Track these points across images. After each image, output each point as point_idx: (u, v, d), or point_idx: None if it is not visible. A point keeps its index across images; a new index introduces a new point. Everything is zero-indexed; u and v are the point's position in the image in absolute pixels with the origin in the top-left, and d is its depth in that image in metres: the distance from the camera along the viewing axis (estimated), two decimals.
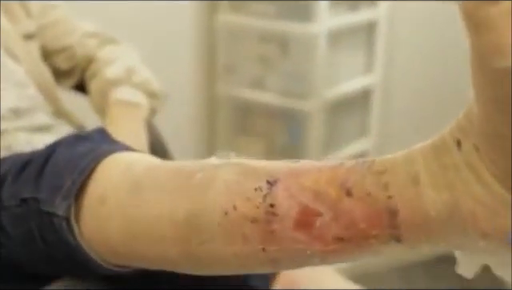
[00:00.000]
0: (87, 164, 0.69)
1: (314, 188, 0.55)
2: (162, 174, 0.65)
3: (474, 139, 0.49)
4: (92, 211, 0.68)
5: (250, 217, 0.58)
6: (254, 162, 0.60)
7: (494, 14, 0.42)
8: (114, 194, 0.66)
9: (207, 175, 0.61)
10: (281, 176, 0.57)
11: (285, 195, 0.56)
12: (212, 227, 0.60)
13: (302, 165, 0.58)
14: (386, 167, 0.53)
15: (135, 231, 0.65)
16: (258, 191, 0.57)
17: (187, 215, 0.61)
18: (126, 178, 0.66)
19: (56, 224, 0.68)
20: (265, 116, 2.45)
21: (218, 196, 0.59)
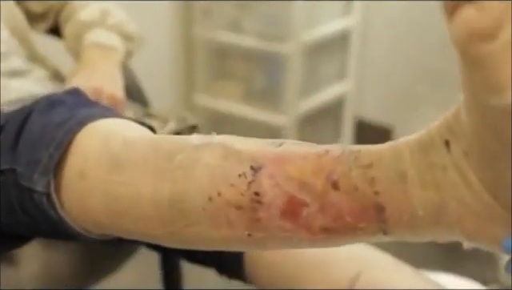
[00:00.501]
0: (63, 137, 0.68)
1: (300, 178, 0.55)
2: (140, 151, 0.64)
3: (464, 146, 0.48)
4: (72, 185, 0.67)
5: (235, 204, 0.57)
6: (236, 144, 0.59)
7: (492, 51, 0.40)
8: (93, 169, 0.66)
9: (188, 157, 0.60)
10: (265, 162, 0.57)
11: (270, 184, 0.56)
12: (197, 212, 0.59)
13: (286, 150, 0.57)
14: (372, 160, 0.53)
15: (118, 208, 0.64)
16: (242, 178, 0.57)
17: (170, 199, 0.60)
18: (104, 153, 0.66)
19: (36, 199, 0.68)
20: (243, 59, 2.43)
21: (200, 181, 0.59)
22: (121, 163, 0.64)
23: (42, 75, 1.11)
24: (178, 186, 0.60)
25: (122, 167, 0.64)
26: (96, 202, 0.65)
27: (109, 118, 0.70)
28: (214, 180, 0.58)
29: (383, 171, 0.52)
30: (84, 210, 0.67)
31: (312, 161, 0.55)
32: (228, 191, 0.58)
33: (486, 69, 0.41)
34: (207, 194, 0.58)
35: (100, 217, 0.66)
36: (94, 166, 0.66)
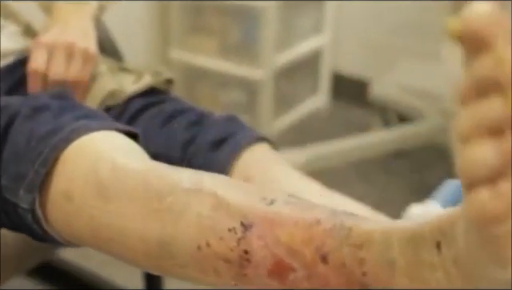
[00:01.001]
0: (49, 153, 0.68)
1: (290, 245, 0.56)
2: (129, 184, 0.64)
3: (455, 254, 0.49)
4: (58, 205, 0.67)
5: (224, 257, 0.59)
6: (227, 194, 0.60)
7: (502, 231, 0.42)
8: (80, 193, 0.66)
9: (178, 201, 0.61)
10: (256, 221, 0.58)
11: (259, 244, 0.57)
12: (185, 256, 0.61)
13: (277, 212, 0.58)
14: (362, 241, 0.53)
15: (105, 235, 0.65)
16: (231, 233, 0.58)
17: (159, 239, 0.62)
18: (92, 179, 0.66)
19: (21, 213, 0.68)
20: (218, 13, 2.40)
21: (189, 229, 0.60)
22: (109, 193, 0.64)
23: (14, 31, 1.08)
24: (167, 229, 0.61)
25: (111, 196, 0.64)
26: (82, 225, 0.66)
27: (95, 132, 0.70)
28: (203, 230, 0.59)
29: (373, 254, 0.53)
30: (69, 230, 0.68)
31: (303, 229, 0.56)
32: (217, 244, 0.59)
33: (495, 245, 0.43)
34: (196, 242, 0.60)
35: (85, 238, 0.67)
36: (81, 190, 0.66)
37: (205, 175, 0.63)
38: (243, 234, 0.58)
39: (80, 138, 0.69)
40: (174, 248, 0.61)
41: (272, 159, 0.88)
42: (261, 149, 0.89)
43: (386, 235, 0.53)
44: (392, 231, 0.53)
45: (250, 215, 0.58)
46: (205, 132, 0.89)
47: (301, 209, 0.58)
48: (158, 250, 0.62)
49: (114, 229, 0.64)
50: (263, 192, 0.60)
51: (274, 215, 0.57)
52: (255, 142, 0.88)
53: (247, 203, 0.59)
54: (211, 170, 0.86)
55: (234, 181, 0.64)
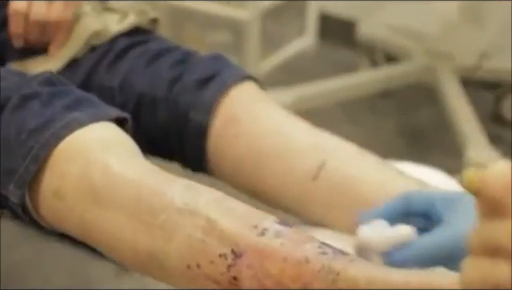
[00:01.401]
0: (40, 150, 0.67)
1: (278, 279, 0.58)
2: (122, 192, 0.65)
3: None
4: (49, 202, 0.68)
5: (213, 279, 0.61)
6: (220, 219, 0.61)
7: None
8: (72, 195, 0.66)
9: (171, 219, 0.62)
10: (247, 250, 0.59)
11: (249, 274, 0.59)
12: (174, 271, 0.63)
13: (268, 245, 0.59)
14: (348, 286, 0.56)
15: (95, 237, 0.67)
16: (222, 258, 0.60)
17: (150, 253, 0.63)
18: (84, 181, 0.66)
19: (12, 206, 0.69)
20: None
21: (180, 248, 0.61)
22: (101, 199, 0.65)
23: None
24: (158, 245, 0.62)
25: (103, 203, 0.65)
26: (73, 224, 0.67)
27: (85, 127, 0.70)
28: (194, 252, 0.61)
29: None
30: (60, 225, 0.69)
31: (292, 266, 0.58)
32: (207, 267, 0.61)
33: None
34: (186, 262, 0.61)
35: (76, 234, 0.69)
36: (73, 191, 0.66)
37: (198, 193, 0.64)
38: (233, 261, 0.60)
39: (71, 135, 0.69)
40: (165, 263, 0.63)
41: (259, 98, 0.88)
42: (247, 88, 0.88)
43: (369, 283, 0.56)
44: (377, 280, 0.56)
45: (242, 243, 0.60)
46: (191, 71, 0.89)
47: (291, 243, 0.59)
48: (148, 260, 0.64)
49: (105, 234, 0.66)
50: (255, 218, 0.62)
51: (265, 248, 0.59)
52: (242, 81, 0.88)
53: (239, 231, 0.60)
54: (197, 108, 0.86)
55: (226, 201, 0.64)
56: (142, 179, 0.65)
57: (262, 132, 0.84)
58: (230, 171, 0.86)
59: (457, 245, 0.59)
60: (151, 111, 0.89)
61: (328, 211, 0.81)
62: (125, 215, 0.64)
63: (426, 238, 0.63)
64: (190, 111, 0.87)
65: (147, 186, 0.65)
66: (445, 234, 0.62)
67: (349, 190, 0.79)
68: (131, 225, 0.64)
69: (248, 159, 0.83)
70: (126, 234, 0.64)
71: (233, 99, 0.86)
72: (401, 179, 0.78)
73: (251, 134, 0.84)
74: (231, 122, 0.85)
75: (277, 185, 0.82)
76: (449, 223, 0.62)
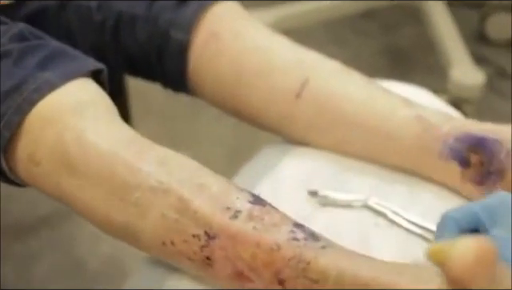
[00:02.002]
0: (13, 116, 0.66)
1: (250, 263, 0.59)
2: (95, 164, 0.64)
3: None
4: (24, 166, 0.68)
5: (187, 256, 0.62)
6: (194, 200, 0.61)
7: None
8: (47, 162, 0.66)
9: (144, 197, 0.62)
10: (219, 234, 0.60)
11: (221, 255, 0.60)
12: (150, 245, 0.63)
13: (241, 230, 0.59)
14: (318, 278, 0.57)
15: (71, 203, 0.66)
16: (195, 239, 0.60)
17: (125, 226, 0.63)
18: (58, 151, 0.65)
19: None
20: None
21: (154, 226, 0.62)
22: (76, 168, 0.64)
23: None
24: (132, 220, 0.63)
25: (77, 172, 0.64)
26: (49, 188, 0.67)
27: (59, 89, 0.68)
28: (168, 231, 0.61)
29: None
30: (36, 186, 0.69)
31: (264, 252, 0.59)
32: (181, 245, 0.61)
33: None
34: (161, 239, 0.62)
35: (52, 197, 0.68)
36: (48, 158, 0.66)
37: (172, 169, 0.63)
38: (206, 242, 0.60)
39: (43, 100, 0.67)
40: (140, 237, 0.63)
41: (241, 16, 0.86)
42: (229, 5, 0.86)
43: (339, 276, 0.56)
44: (346, 273, 0.56)
45: (215, 226, 0.60)
46: None
47: (263, 227, 0.60)
48: (123, 232, 0.64)
49: (79, 203, 0.65)
50: (229, 197, 0.62)
51: (238, 232, 0.60)
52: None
53: (212, 214, 0.60)
54: (177, 26, 0.84)
55: (201, 178, 0.63)
56: (116, 153, 0.64)
57: (243, 49, 0.82)
58: (211, 90, 0.84)
59: None
60: (130, 30, 0.87)
61: (311, 129, 0.80)
62: (99, 188, 0.64)
63: None
64: (170, 29, 0.85)
65: (122, 160, 0.64)
66: None
67: (332, 107, 0.77)
68: (105, 198, 0.64)
69: (229, 76, 0.82)
70: (100, 206, 0.64)
71: (214, 16, 0.84)
72: (386, 97, 0.77)
73: (233, 52, 0.82)
74: (212, 39, 0.83)
75: (259, 103, 0.81)
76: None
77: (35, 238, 1.56)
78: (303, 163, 0.80)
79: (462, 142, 0.72)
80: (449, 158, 0.73)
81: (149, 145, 0.66)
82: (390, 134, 0.76)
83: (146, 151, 0.65)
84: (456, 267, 0.43)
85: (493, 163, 0.71)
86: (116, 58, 0.89)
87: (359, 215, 0.74)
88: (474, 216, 0.59)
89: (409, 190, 0.77)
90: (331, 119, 0.78)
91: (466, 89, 1.76)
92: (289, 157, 0.81)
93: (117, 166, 0.63)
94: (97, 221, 0.66)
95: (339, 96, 0.78)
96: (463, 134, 0.72)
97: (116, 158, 0.64)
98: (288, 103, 0.79)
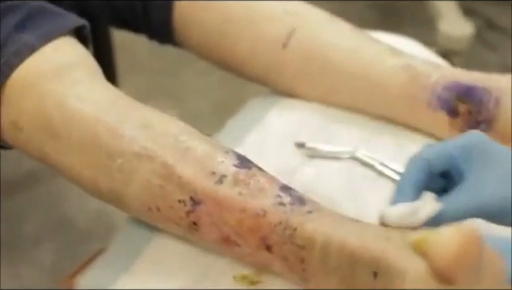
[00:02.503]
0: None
1: (237, 229, 0.59)
2: (77, 131, 0.63)
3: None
4: (7, 132, 0.67)
5: (174, 221, 0.61)
6: (178, 165, 0.60)
7: None
8: (29, 128, 0.65)
9: (128, 163, 0.61)
10: (205, 199, 0.59)
11: (207, 221, 0.60)
12: (136, 210, 0.63)
13: (226, 195, 0.59)
14: (305, 243, 0.56)
15: (55, 167, 0.66)
16: (181, 204, 0.60)
17: (109, 190, 0.63)
18: (40, 118, 0.64)
19: None
20: None
21: (139, 192, 0.61)
22: (58, 134, 0.64)
23: None
24: (117, 186, 0.62)
25: (60, 138, 0.64)
26: (33, 152, 0.67)
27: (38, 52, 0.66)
28: (153, 197, 0.61)
29: (312, 257, 0.57)
30: (21, 149, 0.68)
31: (250, 218, 0.58)
32: (167, 210, 0.61)
33: None
34: (147, 205, 0.62)
35: (37, 160, 0.68)
36: (30, 124, 0.65)
37: (155, 133, 0.62)
38: (192, 208, 0.60)
39: (22, 64, 0.66)
40: (125, 202, 0.63)
41: None
42: None
43: (326, 242, 0.56)
44: (333, 240, 0.55)
45: (200, 192, 0.59)
46: None
47: (249, 192, 0.59)
48: (109, 196, 0.63)
49: (64, 167, 0.65)
50: (214, 162, 0.61)
51: (223, 198, 0.59)
52: None
53: (197, 179, 0.60)
54: None
55: (184, 142, 0.62)
56: (98, 117, 0.63)
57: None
58: (197, 41, 0.83)
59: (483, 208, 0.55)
60: None
61: (298, 79, 0.79)
62: (83, 154, 0.63)
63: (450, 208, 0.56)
64: (148, 11, 0.84)
65: (104, 126, 0.63)
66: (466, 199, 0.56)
67: (319, 57, 0.76)
68: (89, 164, 0.63)
69: (216, 27, 0.80)
70: (85, 171, 0.63)
71: None
72: (373, 46, 0.76)
73: (219, 1, 0.80)
74: None
75: (246, 53, 0.80)
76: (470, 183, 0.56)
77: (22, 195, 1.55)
78: (290, 114, 0.80)
79: (450, 91, 0.72)
80: (437, 107, 0.72)
81: (133, 106, 0.65)
82: (378, 82, 0.75)
83: (130, 113, 0.64)
84: (439, 258, 0.42)
85: (481, 112, 0.70)
86: (101, 9, 0.88)
87: (347, 166, 0.74)
88: (447, 156, 0.57)
89: (396, 141, 0.76)
90: (318, 68, 0.77)
91: (454, 40, 1.74)
92: (276, 109, 0.81)
93: (99, 132, 0.62)
94: (82, 186, 0.65)
95: (326, 45, 0.76)
96: (451, 83, 0.72)
97: (98, 123, 0.63)
98: (275, 53, 0.78)
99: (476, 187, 0.55)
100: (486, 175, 0.56)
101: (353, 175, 0.73)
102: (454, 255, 0.42)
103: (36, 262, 1.43)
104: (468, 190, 0.56)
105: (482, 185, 0.55)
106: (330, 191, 0.69)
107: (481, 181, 0.56)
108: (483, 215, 0.56)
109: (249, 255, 0.60)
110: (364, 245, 0.54)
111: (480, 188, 0.55)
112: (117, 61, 1.42)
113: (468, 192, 0.55)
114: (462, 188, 0.56)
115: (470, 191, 0.55)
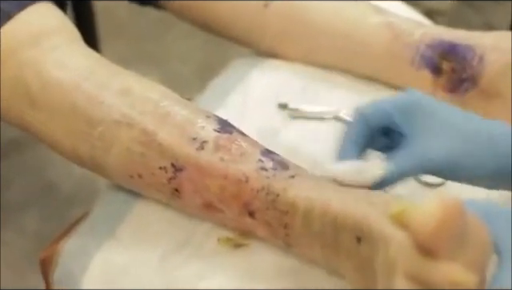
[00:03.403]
0: None
1: (219, 195, 0.59)
2: (58, 100, 0.62)
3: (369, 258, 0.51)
4: None
5: (156, 188, 0.61)
6: (158, 132, 0.60)
7: None
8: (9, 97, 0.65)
9: (108, 131, 0.61)
10: (186, 166, 0.59)
11: (190, 188, 0.59)
12: (118, 178, 0.63)
13: (208, 161, 0.58)
14: (288, 209, 0.56)
15: (37, 137, 0.65)
16: (162, 171, 0.60)
17: (90, 158, 0.62)
18: (19, 87, 0.64)
19: None
20: None
21: (120, 160, 0.61)
22: (37, 104, 0.63)
23: None
24: (98, 154, 0.62)
25: (40, 108, 0.63)
26: (14, 120, 0.66)
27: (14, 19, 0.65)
28: (134, 164, 0.60)
29: (296, 222, 0.56)
30: (2, 119, 0.68)
31: (232, 184, 0.58)
32: (149, 178, 0.60)
33: None
34: (128, 172, 0.61)
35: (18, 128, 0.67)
36: (10, 93, 0.64)
37: (134, 100, 0.61)
38: (174, 174, 0.59)
39: (0, 30, 0.64)
40: (107, 169, 0.62)
41: None
42: None
43: (308, 208, 0.55)
44: (315, 205, 0.55)
45: (181, 158, 0.59)
46: None
47: (231, 158, 0.59)
48: (90, 163, 0.63)
49: (44, 136, 0.64)
50: (194, 127, 0.60)
51: (205, 164, 0.58)
52: None
53: (178, 145, 0.59)
54: None
55: (164, 107, 0.61)
56: (78, 85, 0.62)
57: None
58: (178, 3, 0.82)
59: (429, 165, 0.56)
60: None
61: (280, 39, 0.78)
62: (63, 122, 0.62)
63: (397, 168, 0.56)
64: None
65: (83, 94, 0.62)
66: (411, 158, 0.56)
67: (301, 16, 0.76)
68: (70, 133, 0.62)
69: None
70: (65, 140, 0.63)
71: None
72: (356, 5, 0.76)
73: None
74: None
75: (227, 14, 0.79)
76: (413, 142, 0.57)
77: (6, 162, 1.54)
78: (273, 75, 0.79)
79: (433, 49, 0.71)
80: (420, 65, 0.72)
81: (113, 72, 0.64)
82: (361, 41, 0.74)
83: (109, 80, 0.63)
84: (420, 231, 0.42)
85: (465, 69, 0.70)
86: None
87: (330, 127, 0.74)
88: (384, 114, 0.57)
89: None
90: (301, 28, 0.76)
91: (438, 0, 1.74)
92: (258, 70, 0.80)
93: (79, 100, 0.62)
94: (64, 154, 0.64)
95: (308, 4, 0.76)
96: (435, 41, 0.71)
97: (77, 91, 0.62)
98: (256, 13, 0.77)
99: (420, 145, 0.56)
100: (428, 133, 0.56)
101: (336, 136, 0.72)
102: (435, 227, 0.41)
103: (21, 228, 1.43)
104: (412, 148, 0.56)
105: (426, 142, 0.56)
106: (314, 152, 0.68)
107: (424, 138, 0.56)
108: (430, 172, 0.57)
109: (232, 221, 0.60)
110: (346, 210, 0.54)
111: (424, 146, 0.56)
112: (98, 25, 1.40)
113: (413, 151, 0.56)
114: (405, 147, 0.57)
115: (414, 150, 0.56)
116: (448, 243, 0.42)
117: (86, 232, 0.66)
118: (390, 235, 0.48)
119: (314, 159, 0.68)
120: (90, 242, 0.64)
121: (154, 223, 0.64)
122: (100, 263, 0.62)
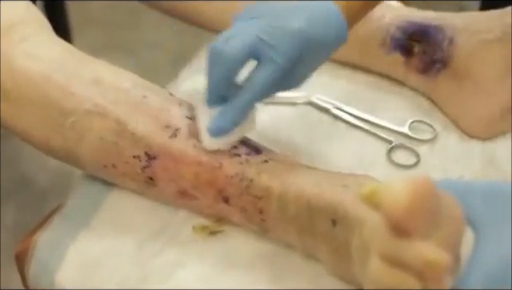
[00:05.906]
0: None
1: (193, 182, 0.59)
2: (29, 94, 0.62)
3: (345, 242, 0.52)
4: None
5: (130, 177, 0.61)
6: (131, 122, 0.59)
7: None
8: None
9: (80, 121, 0.60)
10: (160, 154, 0.59)
11: (164, 176, 0.59)
12: (92, 169, 0.63)
13: (180, 148, 0.58)
14: (262, 194, 0.57)
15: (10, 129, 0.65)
16: (136, 160, 0.59)
17: (63, 150, 0.62)
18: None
19: None
20: None
21: (93, 151, 0.60)
22: (10, 97, 0.62)
23: None
24: (71, 145, 0.61)
25: (11, 99, 0.62)
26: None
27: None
28: (108, 154, 0.60)
29: (271, 207, 0.57)
30: None
31: (206, 171, 0.58)
32: (123, 167, 0.60)
33: None
34: (102, 162, 0.61)
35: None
36: None
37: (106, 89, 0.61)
38: (147, 163, 0.59)
39: None
40: (81, 160, 0.62)
41: None
42: None
43: (283, 192, 0.56)
44: (290, 189, 0.56)
45: (154, 147, 0.59)
46: None
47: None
48: (64, 155, 0.63)
49: (18, 129, 0.64)
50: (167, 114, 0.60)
51: (179, 153, 0.58)
52: None
53: (151, 134, 0.59)
54: None
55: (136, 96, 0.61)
56: (48, 76, 0.62)
57: None
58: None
59: None
60: None
61: None
62: (34, 114, 0.62)
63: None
64: None
65: (54, 84, 0.61)
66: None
67: None
68: (42, 124, 0.62)
69: None
70: (38, 132, 0.62)
71: None
72: None
73: None
74: None
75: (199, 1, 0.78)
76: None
77: None
78: None
79: (404, 31, 0.71)
80: (391, 47, 0.72)
81: (83, 61, 0.64)
82: None
83: (80, 69, 0.62)
84: (392, 212, 0.41)
85: (436, 51, 0.70)
86: None
87: (303, 112, 0.74)
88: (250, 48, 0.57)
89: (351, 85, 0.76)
90: None
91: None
92: None
93: (50, 91, 0.61)
94: (37, 146, 0.64)
95: None
96: (405, 23, 0.71)
97: (49, 82, 0.61)
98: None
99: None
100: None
101: (309, 120, 0.72)
102: (407, 206, 0.40)
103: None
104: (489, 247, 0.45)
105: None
106: (287, 138, 0.69)
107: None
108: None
109: (207, 208, 0.60)
110: (320, 193, 0.54)
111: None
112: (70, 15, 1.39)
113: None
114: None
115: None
116: (420, 222, 0.42)
117: (60, 224, 0.65)
118: (364, 217, 0.49)
119: (287, 144, 0.68)
120: (64, 233, 0.64)
121: (128, 213, 0.64)
122: (75, 254, 0.62)
